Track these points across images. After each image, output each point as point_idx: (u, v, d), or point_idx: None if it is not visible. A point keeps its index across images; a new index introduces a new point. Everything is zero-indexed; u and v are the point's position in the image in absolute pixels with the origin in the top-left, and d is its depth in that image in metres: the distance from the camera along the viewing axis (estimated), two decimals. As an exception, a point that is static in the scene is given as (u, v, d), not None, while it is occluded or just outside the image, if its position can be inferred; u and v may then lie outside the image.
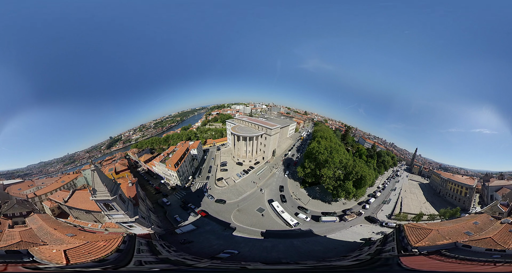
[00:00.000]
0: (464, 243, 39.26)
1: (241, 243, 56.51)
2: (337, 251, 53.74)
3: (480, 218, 49.69)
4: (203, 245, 54.53)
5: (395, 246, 42.53)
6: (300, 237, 61.37)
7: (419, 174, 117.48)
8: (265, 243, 57.75)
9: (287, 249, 53.78)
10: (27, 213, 56.46)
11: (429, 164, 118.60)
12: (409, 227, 45.77)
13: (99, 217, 54.92)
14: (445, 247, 38.98)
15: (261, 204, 75.22)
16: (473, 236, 41.42)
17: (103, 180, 42.07)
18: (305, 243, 57.65)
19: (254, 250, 53.12)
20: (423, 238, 41.02)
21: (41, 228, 46.47)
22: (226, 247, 53.19)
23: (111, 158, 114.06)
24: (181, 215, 68.32)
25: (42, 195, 69.77)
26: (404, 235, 43.71)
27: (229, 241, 57.66)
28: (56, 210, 61.60)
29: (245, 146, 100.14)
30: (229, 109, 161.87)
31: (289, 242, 57.75)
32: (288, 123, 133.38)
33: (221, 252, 49.51)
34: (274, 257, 49.24)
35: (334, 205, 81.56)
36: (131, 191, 57.55)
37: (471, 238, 40.65)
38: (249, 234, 61.27)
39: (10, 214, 55.45)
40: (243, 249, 53.00)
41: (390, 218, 76.16)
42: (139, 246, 42.01)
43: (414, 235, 42.72)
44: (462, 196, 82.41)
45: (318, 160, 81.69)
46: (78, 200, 57.82)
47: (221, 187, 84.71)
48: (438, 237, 41.32)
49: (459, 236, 41.71)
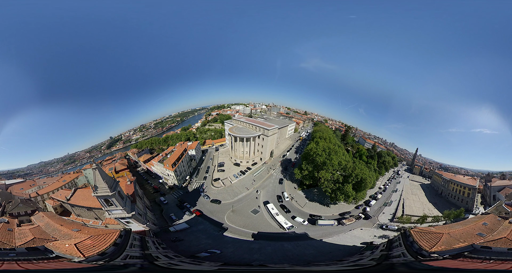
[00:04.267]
0: (481, 244, 39.43)
1: (228, 244, 57.69)
2: (332, 255, 53.74)
3: (488, 218, 50.05)
4: (192, 244, 56.71)
5: (406, 252, 42.02)
6: (293, 240, 61.38)
7: (420, 174, 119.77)
8: (253, 244, 58.36)
9: (274, 252, 53.98)
10: (31, 212, 59.30)
11: (429, 164, 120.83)
12: (417, 232, 45.51)
13: (100, 214, 59.61)
14: (463, 250, 38.96)
15: (256, 206, 76.92)
16: (486, 237, 41.58)
17: (104, 177, 47.21)
18: (297, 247, 57.54)
19: (238, 251, 53.99)
20: (436, 242, 40.92)
21: (48, 225, 49.11)
22: (213, 246, 54.53)
23: (111, 158, 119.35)
24: (177, 214, 72.20)
25: (44, 194, 73.88)
26: (413, 240, 43.46)
27: (218, 241, 59.13)
28: (58, 208, 66.25)
29: (243, 147, 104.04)
30: (229, 110, 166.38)
31: (279, 244, 57.97)
32: (287, 123, 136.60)
33: (203, 251, 51.05)
34: (255, 259, 49.65)
35: (333, 208, 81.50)
36: (130, 189, 62.68)
37: (486, 239, 40.83)
38: (240, 235, 62.55)
39: (15, 213, 58.41)
40: (227, 249, 53.90)
41: (393, 221, 76.57)
42: (132, 241, 45.29)
43: (425, 240, 42.45)
44: (464, 197, 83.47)
45: (316, 162, 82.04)
46: (80, 198, 62.30)
47: (218, 187, 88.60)
48: (452, 240, 41.27)
49: (473, 238, 41.93)
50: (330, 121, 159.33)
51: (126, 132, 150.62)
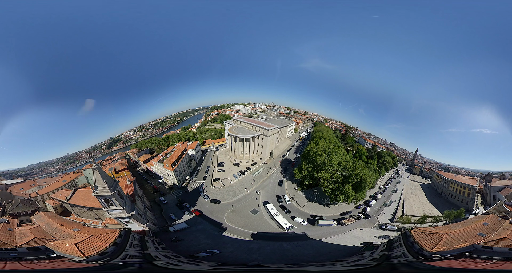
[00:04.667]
0: (482, 244, 39.72)
1: (227, 244, 58.13)
2: (331, 255, 53.98)
3: (488, 219, 50.53)
4: (191, 243, 57.12)
5: (406, 252, 42.27)
6: (292, 240, 61.67)
7: (420, 174, 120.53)
8: (252, 244, 58.69)
9: (273, 252, 54.34)
10: (32, 212, 59.49)
11: (429, 164, 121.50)
12: (417, 233, 45.68)
13: (100, 214, 60.34)
14: (464, 250, 39.19)
15: (255, 206, 77.59)
16: (487, 237, 41.93)
17: (104, 177, 47.99)
18: (296, 247, 57.90)
19: (237, 251, 54.47)
20: (437, 243, 41.17)
21: (48, 225, 49.36)
22: (212, 246, 55.00)
23: (111, 158, 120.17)
24: (176, 214, 73.02)
25: (44, 194, 74.29)
26: (413, 240, 43.74)
27: (217, 240, 59.56)
28: (58, 208, 66.66)
29: (242, 147, 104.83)
30: (229, 110, 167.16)
31: (279, 245, 58.27)
32: (287, 123, 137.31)
33: (202, 251, 51.38)
34: (254, 259, 50.03)
35: (333, 208, 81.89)
36: (129, 189, 63.46)
37: (487, 239, 41.20)
38: (239, 235, 63.02)
39: (15, 213, 58.58)
40: (226, 249, 54.43)
41: (393, 221, 76.99)
42: (132, 241, 46.00)
43: (426, 240, 42.64)
44: (465, 197, 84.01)
45: (316, 162, 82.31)
46: (80, 198, 62.83)
47: (217, 187, 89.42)
48: (453, 241, 41.60)
49: (473, 238, 42.26)
50: (330, 121, 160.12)
51: (126, 132, 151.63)
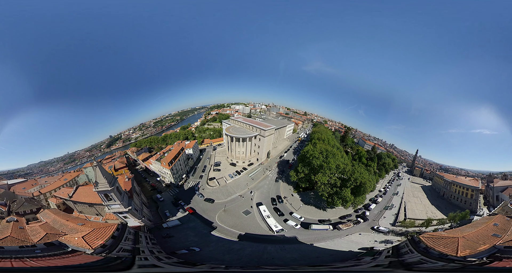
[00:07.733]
0: (503, 245, 40.54)
1: (212, 242, 60.10)
2: (319, 260, 54.52)
3: (497, 219, 51.68)
4: (180, 240, 59.96)
5: (425, 257, 42.20)
6: (279, 243, 61.91)
7: (420, 176, 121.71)
8: (235, 245, 59.80)
9: (252, 254, 55.33)
10: (36, 210, 63.29)
11: (429, 165, 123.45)
12: (428, 238, 46.01)
13: (100, 210, 65.63)
14: (490, 252, 39.75)
15: (248, 207, 79.44)
16: (503, 237, 42.69)
17: (104, 173, 54.01)
18: (281, 250, 58.14)
19: (216, 250, 56.51)
20: (456, 246, 41.52)
21: (55, 221, 53.10)
22: (198, 244, 57.47)
23: (111, 156, 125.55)
24: (171, 211, 76.93)
25: (46, 192, 78.45)
26: (426, 245, 43.83)
27: (203, 239, 61.44)
28: (61, 206, 71.30)
29: (239, 147, 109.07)
30: (228, 109, 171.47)
31: (262, 247, 58.66)
32: (285, 123, 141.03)
33: (183, 249, 54.02)
34: (230, 258, 52.17)
35: (330, 212, 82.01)
36: (127, 185, 69.25)
37: (504, 239, 42.02)
38: (227, 235, 64.39)
39: (21, 212, 61.90)
40: (207, 248, 56.51)
41: (395, 225, 77.01)
42: (127, 235, 49.76)
43: (442, 245, 42.91)
44: (468, 198, 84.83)
45: (312, 165, 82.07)
46: (81, 195, 67.48)
47: (212, 186, 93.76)
48: (472, 244, 41.95)
49: (489, 239, 43.00)
50: (329, 122, 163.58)
51: (126, 131, 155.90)
